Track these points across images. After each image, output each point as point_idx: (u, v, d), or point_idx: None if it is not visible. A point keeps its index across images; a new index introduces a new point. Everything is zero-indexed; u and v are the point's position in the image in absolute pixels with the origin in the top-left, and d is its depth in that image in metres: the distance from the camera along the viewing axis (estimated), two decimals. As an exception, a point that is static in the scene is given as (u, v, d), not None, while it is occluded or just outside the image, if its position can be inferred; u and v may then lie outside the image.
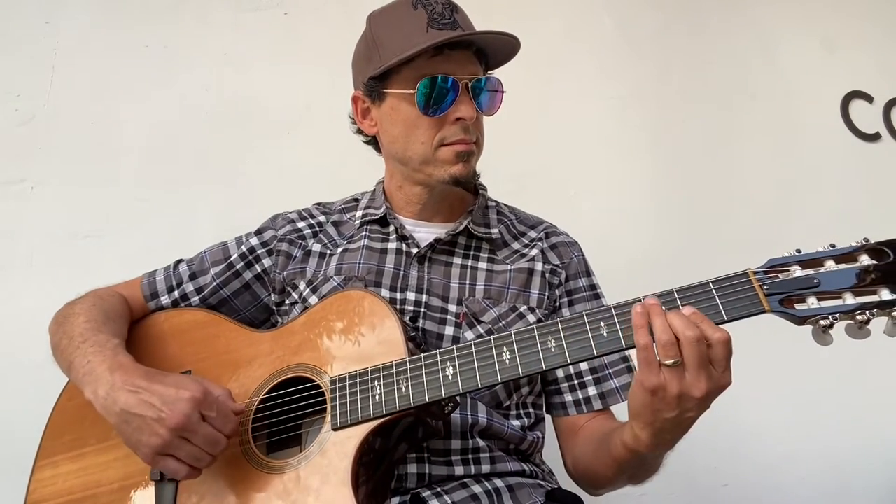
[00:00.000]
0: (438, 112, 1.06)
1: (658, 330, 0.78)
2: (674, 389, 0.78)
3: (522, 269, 1.15)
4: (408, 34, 1.05)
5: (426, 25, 1.05)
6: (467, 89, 1.07)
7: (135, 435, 0.88)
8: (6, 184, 1.76)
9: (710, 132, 2.21)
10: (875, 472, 1.87)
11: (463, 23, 1.08)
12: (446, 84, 1.05)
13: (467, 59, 1.08)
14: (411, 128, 1.09)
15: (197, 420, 0.87)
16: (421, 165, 1.11)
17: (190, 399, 0.86)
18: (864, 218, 2.11)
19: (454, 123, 1.07)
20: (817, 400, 1.91)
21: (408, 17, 1.07)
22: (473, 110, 1.07)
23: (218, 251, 1.23)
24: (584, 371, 1.13)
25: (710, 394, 0.78)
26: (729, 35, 2.34)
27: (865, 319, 0.76)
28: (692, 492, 1.79)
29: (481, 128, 1.13)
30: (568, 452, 1.14)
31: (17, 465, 1.09)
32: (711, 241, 2.05)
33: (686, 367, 0.77)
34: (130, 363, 0.94)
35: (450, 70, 1.05)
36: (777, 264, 0.82)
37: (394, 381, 0.90)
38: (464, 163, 1.09)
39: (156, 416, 0.86)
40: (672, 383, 0.78)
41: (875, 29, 2.41)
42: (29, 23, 1.90)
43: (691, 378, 0.77)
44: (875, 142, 2.29)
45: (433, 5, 1.06)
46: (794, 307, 0.79)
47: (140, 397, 0.87)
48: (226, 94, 1.95)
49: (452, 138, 1.08)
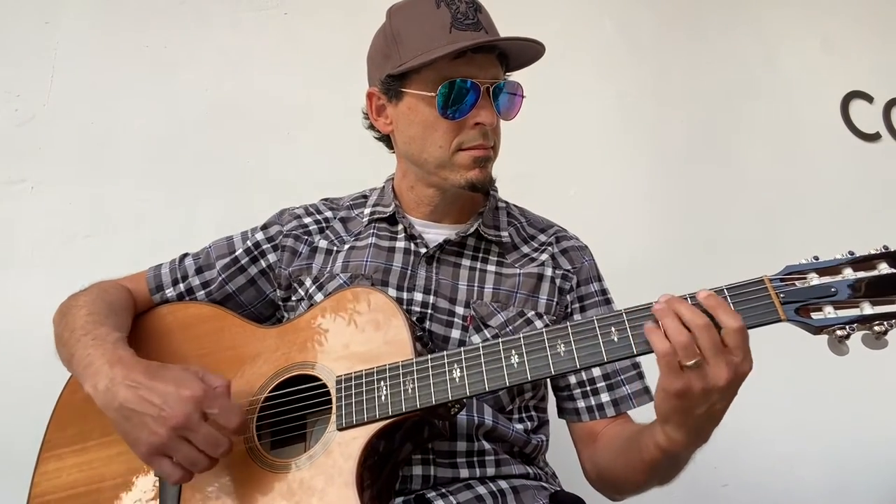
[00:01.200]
0: (458, 116, 1.04)
1: (672, 333, 0.77)
2: (698, 386, 0.77)
3: (532, 273, 1.14)
4: (429, 34, 1.03)
5: (449, 26, 1.02)
6: (488, 93, 1.04)
7: (133, 432, 0.86)
8: (6, 184, 1.75)
9: (710, 132, 2.21)
10: (875, 472, 1.88)
11: (486, 23, 1.05)
12: (467, 88, 1.02)
13: (490, 62, 1.05)
14: (429, 130, 1.06)
15: (198, 420, 0.85)
16: (437, 169, 1.09)
17: (190, 398, 0.85)
18: (864, 218, 2.12)
19: (473, 128, 1.05)
20: (817, 400, 1.91)
21: (430, 14, 1.04)
22: (494, 115, 1.05)
23: (223, 245, 1.22)
24: (596, 377, 1.11)
25: (732, 382, 0.77)
26: (729, 35, 2.34)
27: (883, 330, 0.74)
28: (692, 492, 1.79)
29: (499, 133, 1.11)
30: (588, 459, 1.12)
31: (17, 463, 1.09)
32: (711, 241, 2.05)
33: (706, 360, 0.76)
34: (130, 357, 0.92)
35: (471, 73, 1.03)
36: (794, 271, 0.80)
37: (400, 382, 0.89)
38: (481, 168, 1.07)
39: (156, 414, 0.84)
40: (696, 381, 0.77)
41: (875, 29, 2.41)
42: (29, 23, 1.89)
43: (712, 370, 0.76)
44: (875, 142, 2.29)
45: (457, 4, 1.04)
46: (810, 316, 0.77)
47: (139, 394, 0.86)
48: (226, 94, 1.95)
49: (471, 143, 1.06)
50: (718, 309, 0.77)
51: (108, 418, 0.90)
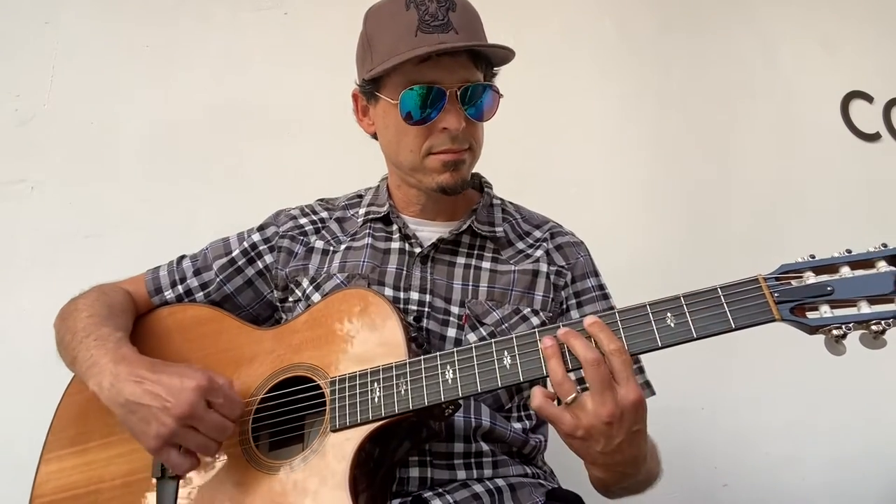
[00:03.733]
0: (424, 122, 1.02)
1: (550, 371, 0.80)
2: (585, 422, 0.78)
3: (527, 270, 1.13)
4: (396, 38, 1.00)
5: (416, 29, 0.99)
6: (456, 97, 1.02)
7: (140, 425, 0.87)
8: (6, 184, 1.76)
9: (711, 132, 2.21)
10: (875, 472, 1.87)
11: (458, 23, 1.01)
12: (431, 94, 1.00)
13: (458, 64, 1.02)
14: (401, 135, 1.06)
15: (203, 408, 0.87)
16: (411, 172, 1.10)
17: (195, 388, 0.86)
18: (864, 218, 2.11)
19: (441, 132, 1.03)
20: (817, 400, 1.90)
21: (399, 17, 1.01)
22: (460, 120, 1.02)
23: (219, 246, 1.22)
24: None
25: (616, 415, 0.77)
26: (729, 35, 2.34)
27: (881, 329, 0.72)
28: (692, 492, 1.79)
29: (476, 133, 1.09)
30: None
31: (17, 464, 1.09)
32: (711, 240, 2.05)
33: (592, 394, 0.78)
34: (134, 354, 0.94)
35: (437, 77, 1.00)
36: (789, 270, 0.78)
37: (393, 384, 0.89)
38: (452, 172, 1.06)
39: (161, 405, 0.85)
40: (582, 418, 0.78)
41: (875, 29, 2.41)
42: (29, 23, 1.90)
43: (594, 404, 0.77)
44: (875, 142, 2.28)
45: (426, 5, 1.01)
46: (805, 316, 0.76)
47: (145, 387, 0.87)
48: (226, 94, 1.95)
49: (440, 147, 1.04)
50: (600, 334, 0.79)
51: (112, 419, 0.91)
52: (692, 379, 1.84)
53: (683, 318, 0.80)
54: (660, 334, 0.81)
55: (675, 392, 1.81)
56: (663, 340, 0.80)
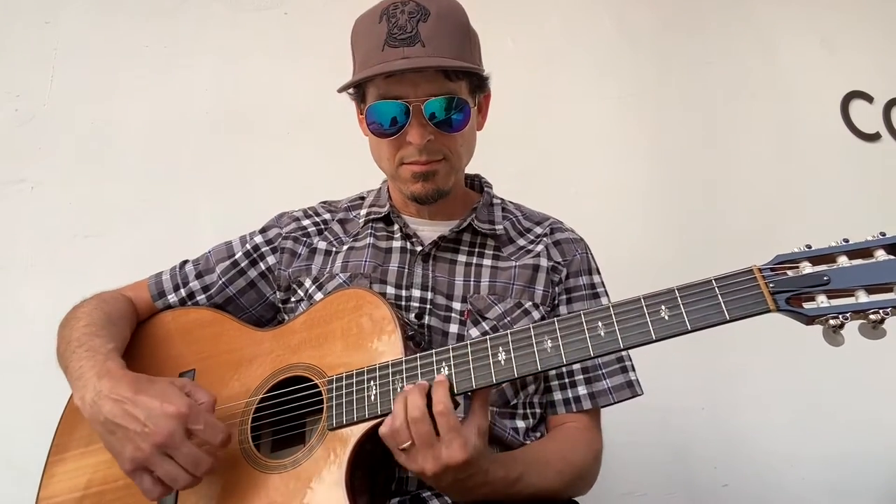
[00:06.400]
0: (390, 136, 1.04)
1: (393, 414, 0.84)
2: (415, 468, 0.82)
3: (528, 265, 1.14)
4: (367, 52, 1.02)
5: (383, 43, 0.99)
6: (420, 112, 1.01)
7: (117, 445, 0.86)
8: (6, 184, 1.76)
9: (710, 132, 2.21)
10: (875, 472, 1.87)
11: (427, 33, 0.99)
12: (394, 109, 1.01)
13: (424, 78, 1.00)
14: (377, 143, 1.09)
15: (181, 437, 0.84)
16: (390, 178, 1.13)
17: (174, 414, 0.84)
18: (864, 218, 2.11)
19: (409, 145, 1.04)
20: (817, 400, 1.91)
21: (372, 29, 1.02)
22: (424, 135, 1.02)
23: (222, 249, 1.23)
24: (575, 370, 1.11)
25: (441, 472, 0.81)
26: (729, 35, 2.34)
27: (880, 318, 0.70)
28: (692, 492, 1.79)
29: (451, 143, 1.06)
30: None
31: (17, 464, 1.09)
32: (711, 239, 2.05)
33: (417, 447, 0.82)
34: (118, 369, 0.92)
35: (403, 92, 1.01)
36: (785, 260, 0.77)
37: (389, 382, 0.89)
38: (423, 182, 1.07)
39: (139, 429, 0.84)
40: (420, 462, 0.82)
41: (875, 29, 2.41)
42: (29, 23, 1.90)
43: (421, 458, 0.82)
44: (875, 142, 2.28)
45: (397, 17, 1.00)
46: (801, 306, 0.74)
47: (124, 408, 0.86)
48: (226, 94, 1.95)
49: (409, 159, 1.06)
50: (434, 395, 0.82)
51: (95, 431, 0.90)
52: (692, 379, 1.85)
53: (678, 311, 0.79)
54: (654, 327, 0.80)
55: (675, 392, 1.82)
56: (657, 333, 0.79)
